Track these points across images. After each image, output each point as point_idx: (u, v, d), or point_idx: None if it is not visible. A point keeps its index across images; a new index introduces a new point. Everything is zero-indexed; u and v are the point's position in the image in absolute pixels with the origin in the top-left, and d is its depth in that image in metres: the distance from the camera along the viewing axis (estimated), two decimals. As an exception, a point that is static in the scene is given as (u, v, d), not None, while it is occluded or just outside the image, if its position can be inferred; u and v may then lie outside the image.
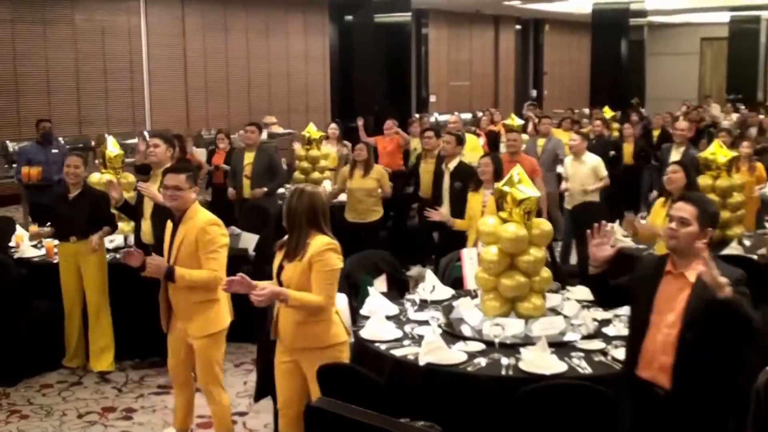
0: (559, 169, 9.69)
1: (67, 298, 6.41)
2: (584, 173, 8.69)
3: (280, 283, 4.20)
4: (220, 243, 4.62)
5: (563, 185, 8.92)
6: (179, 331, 4.79)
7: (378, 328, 4.53)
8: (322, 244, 4.11)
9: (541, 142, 10.48)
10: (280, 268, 4.24)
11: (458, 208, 7.27)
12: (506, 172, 5.09)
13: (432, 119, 18.56)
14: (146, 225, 6.08)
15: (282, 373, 4.36)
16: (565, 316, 4.69)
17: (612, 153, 11.25)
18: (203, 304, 4.68)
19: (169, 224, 4.78)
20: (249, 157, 8.79)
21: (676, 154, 8.79)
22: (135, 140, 14.59)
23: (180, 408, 5.03)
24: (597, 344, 4.32)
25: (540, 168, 8.71)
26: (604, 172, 8.73)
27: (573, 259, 8.59)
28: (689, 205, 3.55)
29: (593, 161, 8.75)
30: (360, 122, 11.94)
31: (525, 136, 11.73)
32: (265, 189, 8.53)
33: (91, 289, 6.34)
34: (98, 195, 6.36)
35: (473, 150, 10.24)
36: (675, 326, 3.47)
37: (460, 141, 7.78)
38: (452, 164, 7.64)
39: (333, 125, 11.02)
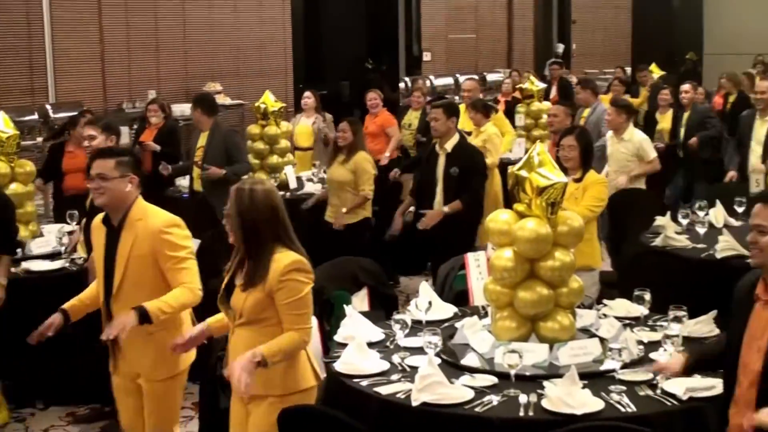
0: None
1: None
2: (624, 155, 8.73)
3: (227, 310, 4.24)
4: (187, 247, 4.60)
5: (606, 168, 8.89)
6: (127, 372, 4.72)
7: (358, 359, 4.54)
8: (284, 265, 4.14)
9: (585, 113, 10.50)
10: (229, 291, 4.27)
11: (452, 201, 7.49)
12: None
13: (426, 84, 18.58)
14: None
15: (234, 425, 4.40)
16: (602, 339, 4.72)
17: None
18: (161, 335, 4.60)
19: (101, 230, 4.71)
20: (202, 140, 8.88)
21: (762, 125, 8.76)
22: (35, 116, 14.58)
23: None
24: (643, 375, 4.35)
25: None
26: (652, 153, 8.76)
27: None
28: (765, 206, 3.65)
29: (638, 138, 8.79)
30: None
31: (547, 104, 11.77)
32: (223, 171, 8.56)
33: None
34: None
35: (501, 127, 10.28)
36: (757, 372, 3.57)
37: (453, 112, 7.79)
38: (449, 144, 7.69)
39: (308, 93, 11.15)
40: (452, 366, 4.52)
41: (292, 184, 9.61)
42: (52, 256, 6.99)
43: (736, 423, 3.68)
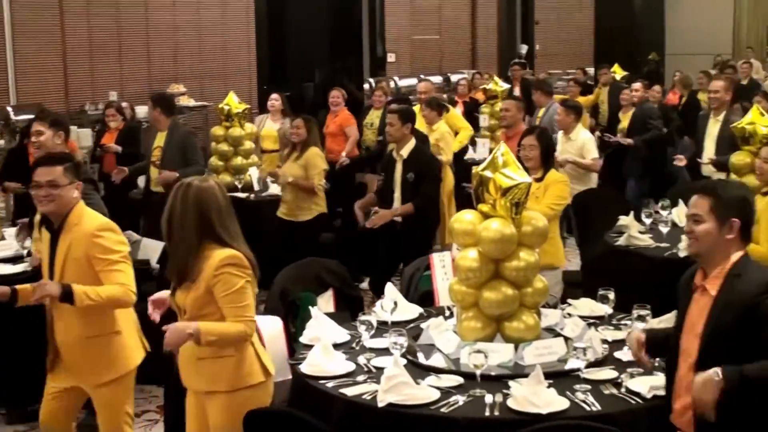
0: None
1: None
2: (572, 154, 8.82)
3: (177, 307, 4.28)
4: (120, 251, 4.62)
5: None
6: (66, 375, 4.74)
7: (324, 361, 4.55)
8: (218, 260, 4.17)
9: (541, 113, 10.62)
10: (174, 288, 4.32)
11: None
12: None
13: (391, 84, 18.60)
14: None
15: (190, 421, 4.44)
16: (567, 338, 4.75)
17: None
18: (99, 340, 4.65)
19: (46, 236, 4.76)
20: (159, 140, 8.88)
21: (714, 124, 8.88)
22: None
23: None
24: (607, 373, 4.38)
25: None
26: (593, 153, 8.84)
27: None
28: (701, 196, 3.75)
29: (582, 139, 8.88)
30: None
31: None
32: (177, 174, 8.54)
33: None
34: None
35: (454, 126, 10.34)
36: (694, 357, 3.68)
37: (408, 118, 7.82)
38: (405, 150, 7.75)
39: (275, 96, 11.14)
40: (418, 366, 4.54)
41: (257, 186, 9.61)
42: (15, 259, 6.92)
43: (678, 407, 3.78)
